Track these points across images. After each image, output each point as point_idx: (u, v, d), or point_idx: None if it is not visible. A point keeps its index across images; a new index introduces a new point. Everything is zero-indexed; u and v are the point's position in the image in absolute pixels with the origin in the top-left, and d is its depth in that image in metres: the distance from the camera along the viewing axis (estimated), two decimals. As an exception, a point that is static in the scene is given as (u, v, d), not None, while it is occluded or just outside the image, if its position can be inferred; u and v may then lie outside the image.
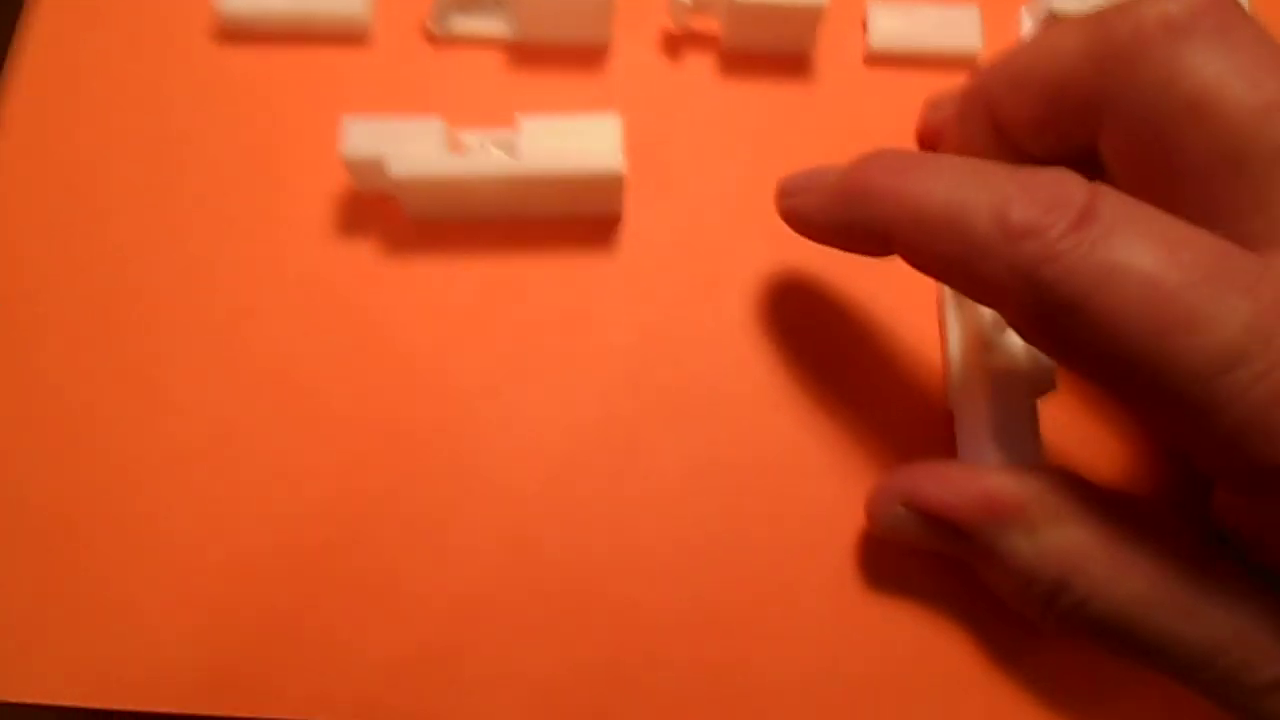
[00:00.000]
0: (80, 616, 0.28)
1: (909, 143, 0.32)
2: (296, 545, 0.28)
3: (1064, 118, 0.23)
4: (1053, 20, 0.32)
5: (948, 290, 0.30)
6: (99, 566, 0.28)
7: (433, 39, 0.34)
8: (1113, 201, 0.20)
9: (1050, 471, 0.23)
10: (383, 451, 0.29)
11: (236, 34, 0.34)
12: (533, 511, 0.29)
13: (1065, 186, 0.20)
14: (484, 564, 0.28)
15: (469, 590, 0.28)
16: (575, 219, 0.31)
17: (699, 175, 0.32)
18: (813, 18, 0.32)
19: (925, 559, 0.28)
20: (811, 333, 0.30)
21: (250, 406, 0.30)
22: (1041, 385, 0.27)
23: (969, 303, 0.29)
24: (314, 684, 0.27)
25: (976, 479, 0.24)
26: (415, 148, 0.30)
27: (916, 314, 0.31)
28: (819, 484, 0.29)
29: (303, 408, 0.30)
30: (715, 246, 0.31)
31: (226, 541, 0.28)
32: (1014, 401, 0.26)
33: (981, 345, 0.28)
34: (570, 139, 0.30)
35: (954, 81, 0.30)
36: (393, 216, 0.32)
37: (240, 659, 0.27)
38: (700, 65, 0.34)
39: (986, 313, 0.28)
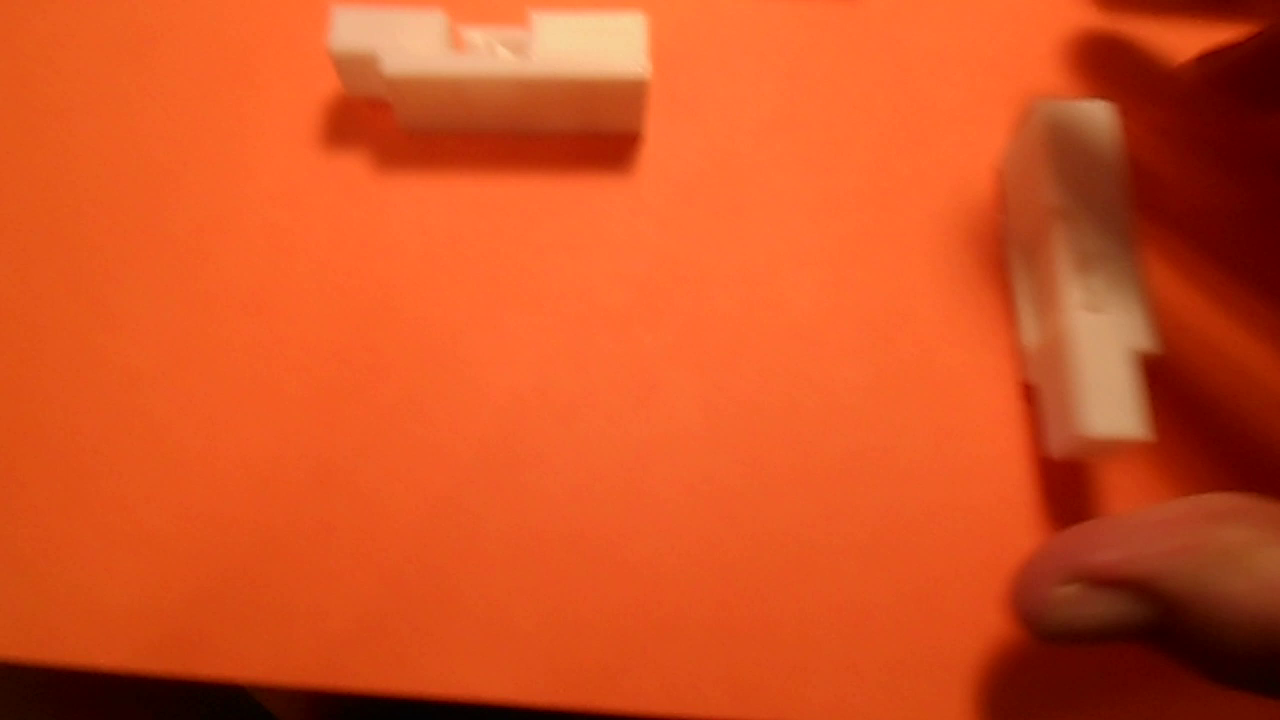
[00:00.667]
0: (19, 566, 0.24)
1: (951, 62, 0.29)
2: (257, 489, 0.25)
3: None
4: None
5: (1014, 245, 0.27)
6: (38, 511, 0.25)
7: (435, -63, 0.31)
8: None
9: (1228, 496, 0.19)
10: (363, 389, 0.26)
11: (216, -77, 0.30)
12: (534, 456, 0.25)
13: None
14: (474, 510, 0.25)
15: (454, 538, 0.24)
16: (590, 135, 0.28)
17: (729, 92, 0.29)
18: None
19: (936, 506, 0.25)
20: (849, 272, 0.27)
21: (212, 333, 0.26)
22: (1141, 343, 0.23)
23: (1049, 253, 0.25)
24: (271, 645, 0.24)
25: (1151, 517, 0.19)
26: (412, 43, 0.26)
27: (974, 252, 0.27)
28: (850, 434, 0.25)
29: (272, 337, 0.26)
30: (743, 171, 0.28)
31: (178, 486, 0.25)
32: (1110, 361, 0.23)
33: (1065, 300, 0.24)
34: (589, 40, 0.26)
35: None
36: (384, 125, 0.28)
37: (190, 617, 0.24)
38: (731, -23, 0.31)
39: (1067, 265, 0.24)
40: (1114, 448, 0.23)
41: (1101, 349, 0.23)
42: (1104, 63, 0.29)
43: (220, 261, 0.27)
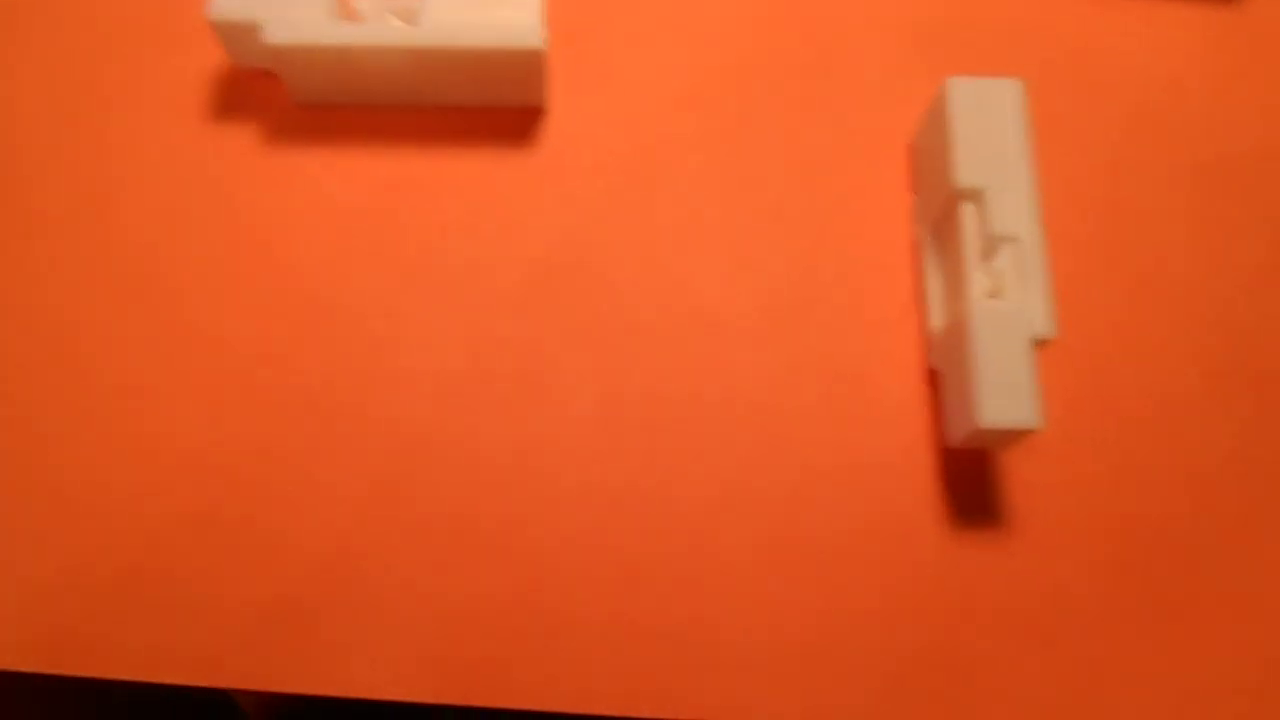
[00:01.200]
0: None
1: (871, 33, 0.28)
2: (138, 480, 0.24)
3: None
4: None
5: (924, 225, 0.26)
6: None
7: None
8: None
9: None
10: (253, 372, 0.25)
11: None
12: (427, 445, 0.24)
13: None
14: (368, 503, 0.24)
15: (341, 530, 0.24)
16: (489, 108, 0.27)
17: (637, 64, 0.28)
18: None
19: (857, 519, 0.24)
20: (757, 254, 0.26)
21: (92, 319, 0.25)
22: (1040, 329, 0.23)
23: (956, 235, 0.24)
24: (170, 640, 0.23)
25: None
26: (297, 12, 0.25)
27: (886, 234, 0.27)
28: (753, 426, 0.25)
29: (158, 321, 0.25)
30: (651, 148, 0.27)
31: (53, 479, 0.24)
32: (1009, 351, 0.22)
33: (968, 287, 0.23)
34: (483, 9, 0.25)
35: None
36: (274, 97, 0.27)
37: (87, 615, 0.23)
38: (644, -60, 0.29)
39: (973, 248, 0.24)
40: (1010, 437, 0.22)
41: (1000, 337, 0.22)
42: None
43: (103, 241, 0.26)
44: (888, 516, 0.24)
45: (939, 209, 0.25)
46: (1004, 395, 0.22)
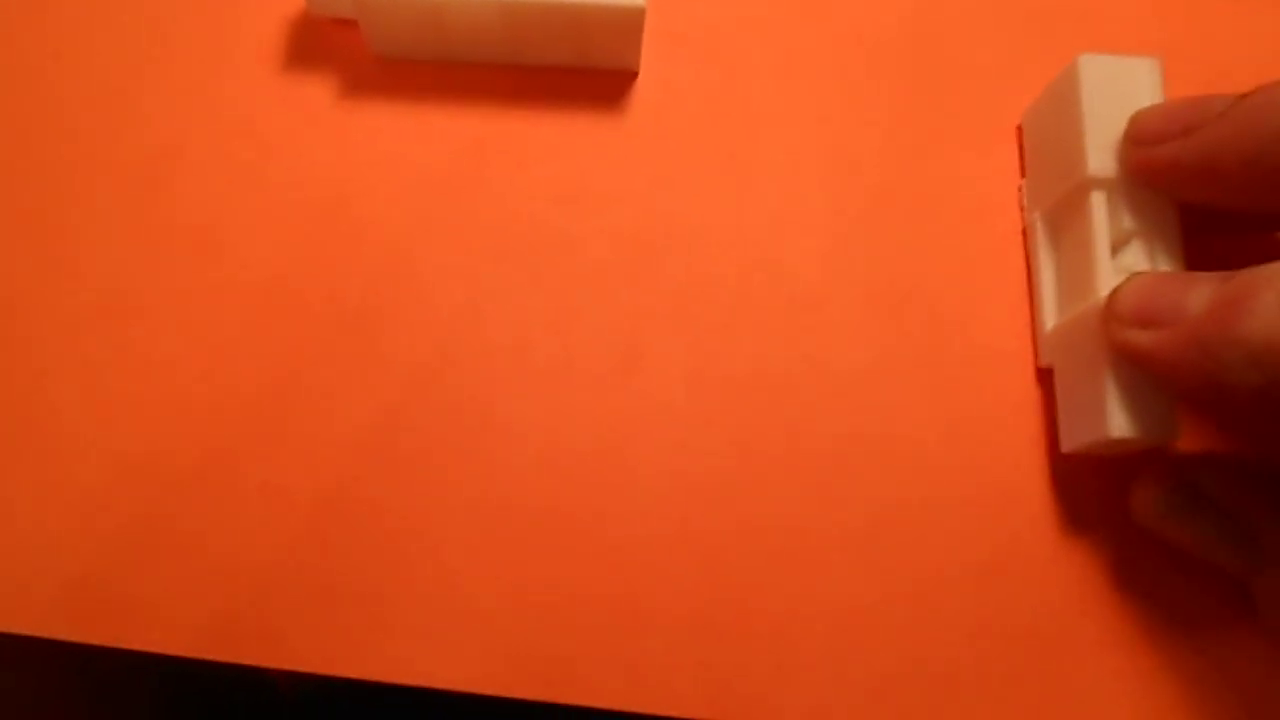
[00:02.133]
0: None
1: (981, 10, 0.26)
2: (199, 442, 0.23)
3: None
4: None
5: (1038, 212, 0.24)
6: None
7: None
8: None
9: None
10: (322, 340, 0.24)
11: None
12: (504, 422, 0.23)
13: None
14: (436, 477, 0.23)
15: (413, 506, 0.23)
16: (579, 70, 0.26)
17: (735, 30, 0.26)
18: None
19: (961, 508, 0.23)
20: (857, 238, 0.25)
21: (161, 269, 0.24)
22: None
23: (1083, 225, 0.22)
24: (200, 609, 0.22)
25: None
26: (385, -43, 0.23)
27: (994, 223, 0.25)
28: (848, 417, 0.23)
29: (225, 278, 0.24)
30: (747, 120, 0.26)
31: (112, 432, 0.23)
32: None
33: (1098, 284, 0.21)
34: (581, -38, 0.24)
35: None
36: (353, 48, 0.25)
37: (103, 575, 0.22)
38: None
39: (1102, 241, 0.21)
40: (1135, 446, 0.21)
41: None
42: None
43: (172, 192, 0.25)
44: (989, 517, 0.23)
45: (1059, 195, 0.23)
46: (1137, 406, 0.20)
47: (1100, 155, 0.22)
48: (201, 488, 0.23)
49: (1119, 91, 0.22)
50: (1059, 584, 0.22)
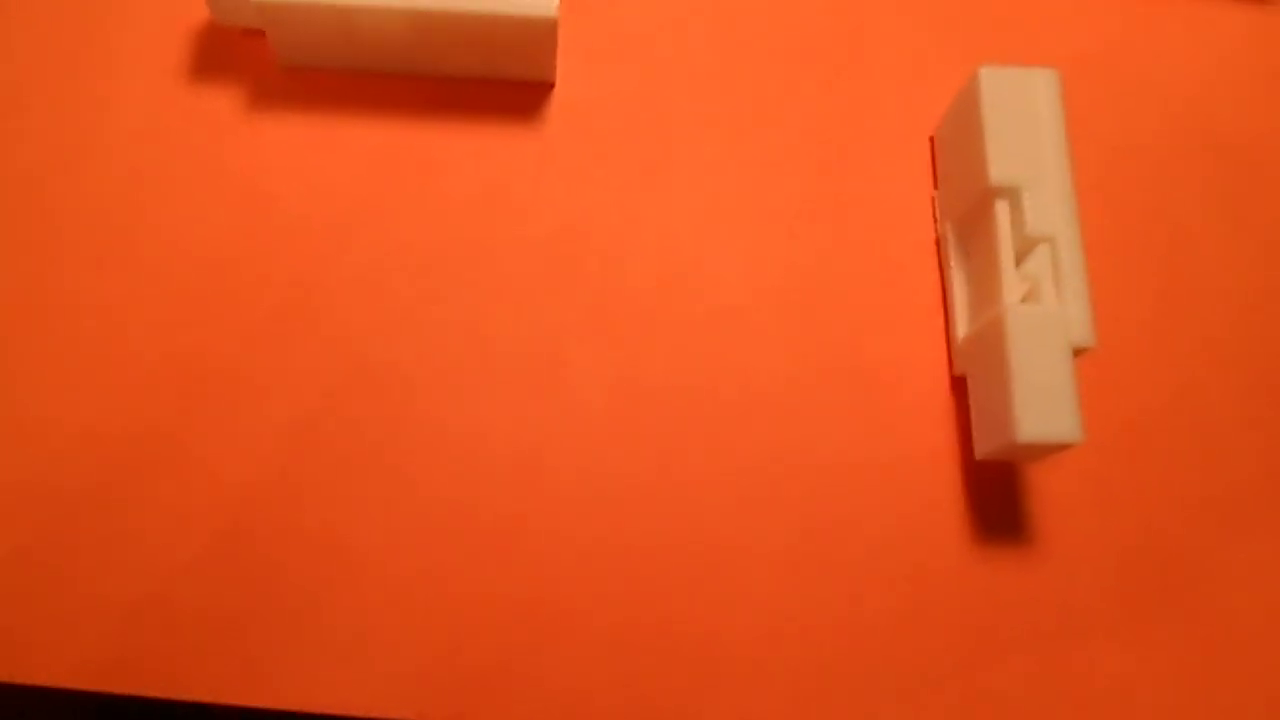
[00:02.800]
0: None
1: (900, 16, 0.27)
2: (90, 469, 0.22)
3: None
4: None
5: (949, 222, 0.24)
6: None
7: None
8: None
9: None
10: (224, 359, 0.23)
11: None
12: (425, 436, 0.23)
13: None
14: (345, 493, 0.22)
15: (321, 524, 0.22)
16: (496, 82, 0.25)
17: (652, 38, 0.26)
18: None
19: (888, 516, 0.23)
20: (775, 246, 0.25)
21: (55, 287, 0.23)
22: (1078, 339, 0.21)
23: (987, 234, 0.23)
24: (85, 643, 0.21)
25: None
26: (290, -35, 0.23)
27: (910, 231, 0.25)
28: (769, 427, 0.23)
29: (124, 295, 0.23)
30: (665, 129, 0.25)
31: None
32: (1047, 360, 0.21)
33: (1002, 291, 0.22)
34: (492, -29, 0.23)
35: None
36: (259, 58, 0.25)
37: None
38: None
39: (1006, 249, 0.22)
40: (1043, 450, 0.21)
41: (1038, 345, 0.21)
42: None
43: (69, 206, 0.24)
44: (907, 526, 0.23)
45: (967, 205, 0.23)
46: (1043, 408, 0.20)
47: (1002, 164, 0.22)
48: (97, 511, 0.22)
49: (1019, 102, 0.23)
50: (975, 588, 0.22)
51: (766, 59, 0.26)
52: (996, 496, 0.23)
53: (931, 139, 0.26)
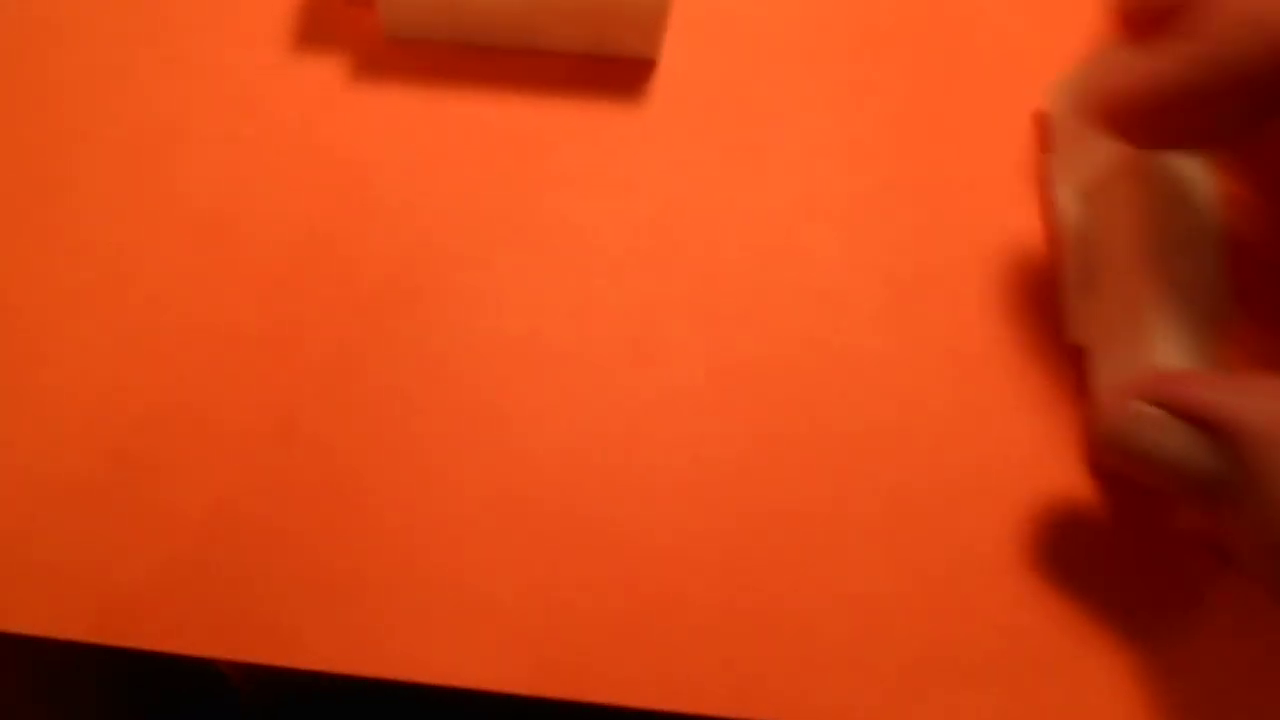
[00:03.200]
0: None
1: None
2: (198, 437, 0.22)
3: None
4: None
5: (1069, 191, 0.24)
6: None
7: None
8: None
9: None
10: (327, 329, 0.23)
11: None
12: (519, 413, 0.23)
13: None
14: (451, 470, 0.22)
15: (426, 500, 0.22)
16: (598, 57, 0.25)
17: (753, 17, 0.26)
18: None
19: (991, 486, 0.22)
20: (875, 225, 0.24)
21: (156, 256, 0.23)
22: (1218, 310, 0.20)
23: (1115, 207, 0.22)
24: (216, 614, 0.21)
25: (1267, 383, 0.18)
26: (403, -66, 0.23)
27: (1010, 214, 0.25)
28: (867, 406, 0.23)
29: (224, 264, 0.23)
30: (765, 108, 0.25)
31: (102, 428, 0.22)
32: (1185, 332, 0.20)
33: (1135, 255, 0.21)
34: (605, -54, 0.23)
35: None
36: (366, 28, 0.25)
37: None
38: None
39: (1148, 222, 0.21)
40: None
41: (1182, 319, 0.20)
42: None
43: (170, 174, 0.24)
44: (1011, 512, 0.22)
45: (1099, 174, 0.23)
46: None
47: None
48: (214, 501, 0.22)
49: None
50: (1091, 572, 0.22)
51: (865, 36, 0.26)
52: (1113, 484, 0.23)
53: (1037, 110, 0.25)
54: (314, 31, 0.25)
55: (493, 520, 0.22)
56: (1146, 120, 0.19)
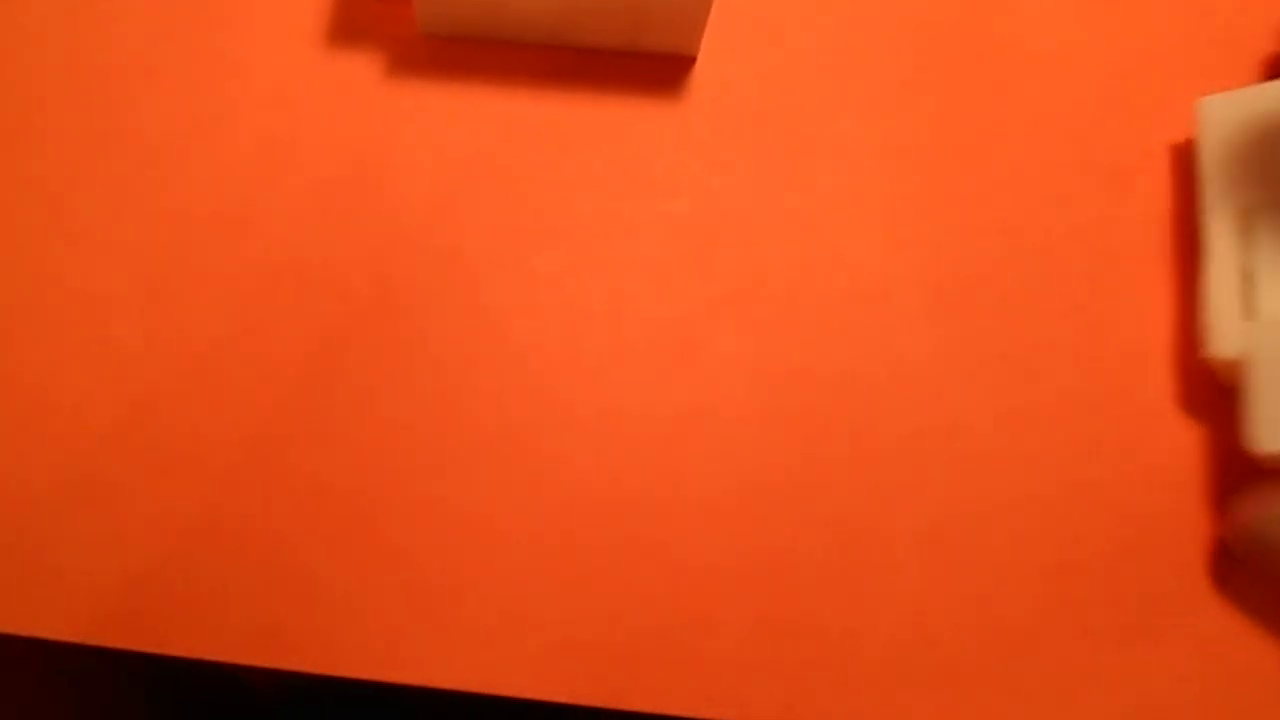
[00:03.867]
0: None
1: None
2: (233, 441, 0.22)
3: None
4: None
5: (1211, 190, 0.23)
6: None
7: None
8: None
9: None
10: (360, 328, 0.23)
11: None
12: (557, 418, 0.22)
13: None
14: (486, 477, 0.22)
15: (461, 507, 0.21)
16: (636, 54, 0.25)
17: (795, 14, 0.26)
18: None
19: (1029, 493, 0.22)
20: (923, 224, 0.24)
21: (187, 253, 0.23)
22: None
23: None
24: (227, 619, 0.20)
25: None
26: (441, -71, 0.23)
27: (1051, 217, 0.24)
28: (915, 407, 0.22)
29: (257, 260, 0.23)
30: (807, 106, 0.25)
31: (134, 428, 0.22)
32: None
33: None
34: (645, -60, 0.23)
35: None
36: (400, 24, 0.24)
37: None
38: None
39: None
40: None
41: None
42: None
43: (200, 171, 0.24)
44: (1060, 520, 0.22)
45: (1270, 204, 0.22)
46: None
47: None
48: (238, 498, 0.21)
49: None
50: (1139, 580, 0.21)
51: (905, 36, 0.25)
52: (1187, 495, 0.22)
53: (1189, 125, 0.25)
54: (349, 28, 0.24)
55: (530, 524, 0.21)
56: None
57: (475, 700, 0.20)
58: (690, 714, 0.20)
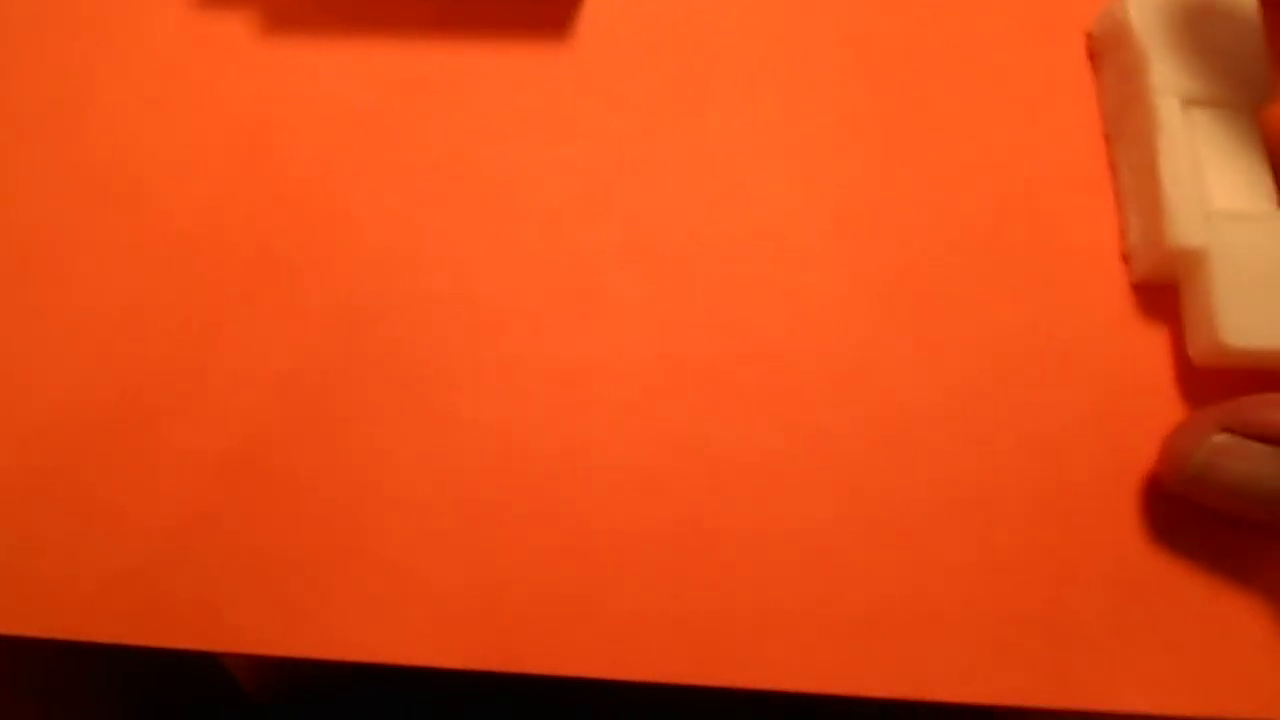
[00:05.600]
0: None
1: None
2: (114, 406, 0.21)
3: None
4: None
5: (1177, 102, 0.22)
6: None
7: None
8: None
9: None
10: (246, 291, 0.22)
11: None
12: (453, 375, 0.21)
13: None
14: (381, 439, 0.21)
15: (357, 472, 0.21)
16: (519, -6, 0.24)
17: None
18: None
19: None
20: (827, 158, 0.23)
21: (62, 221, 0.22)
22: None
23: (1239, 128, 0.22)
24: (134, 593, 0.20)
25: None
26: None
27: (961, 145, 0.23)
28: (824, 347, 0.22)
29: (137, 228, 0.22)
30: (705, 38, 0.24)
31: (10, 398, 0.21)
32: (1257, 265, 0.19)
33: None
34: None
35: None
36: (272, -22, 0.23)
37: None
38: None
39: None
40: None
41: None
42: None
43: (76, 137, 0.23)
44: (962, 444, 0.21)
45: (1222, 97, 0.22)
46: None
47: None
48: (113, 447, 0.21)
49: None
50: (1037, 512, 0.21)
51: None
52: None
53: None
54: (218, -16, 0.23)
55: (428, 489, 0.21)
56: None
57: (476, 701, 0.20)
58: (597, 675, 0.20)
